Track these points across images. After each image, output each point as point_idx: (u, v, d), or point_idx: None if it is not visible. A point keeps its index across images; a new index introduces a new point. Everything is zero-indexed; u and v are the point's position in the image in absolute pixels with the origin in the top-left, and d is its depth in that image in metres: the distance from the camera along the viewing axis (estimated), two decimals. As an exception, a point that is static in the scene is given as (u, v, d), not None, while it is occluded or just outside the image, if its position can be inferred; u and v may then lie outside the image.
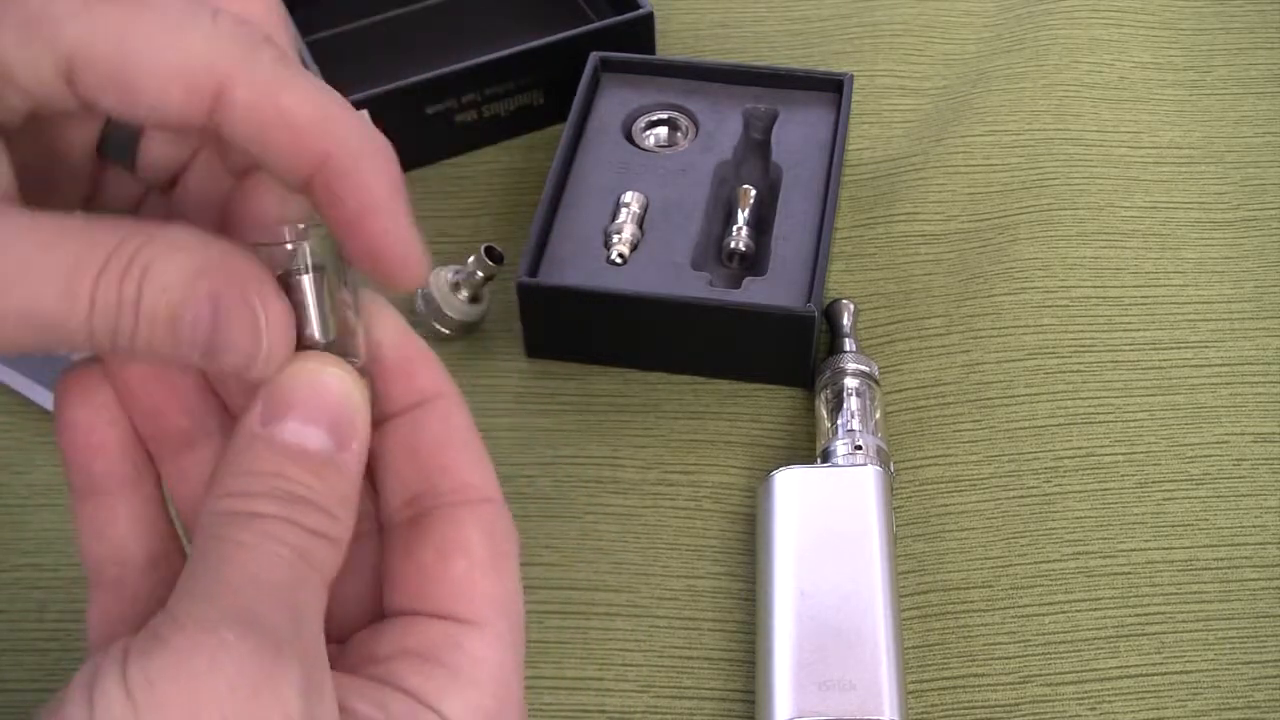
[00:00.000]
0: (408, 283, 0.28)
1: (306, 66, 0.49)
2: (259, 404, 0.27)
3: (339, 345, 0.29)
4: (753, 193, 0.62)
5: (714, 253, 0.61)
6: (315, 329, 0.28)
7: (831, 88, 0.65)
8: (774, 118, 0.65)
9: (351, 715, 0.27)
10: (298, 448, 0.27)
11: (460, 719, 0.28)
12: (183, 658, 0.24)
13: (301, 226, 0.28)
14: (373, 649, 0.29)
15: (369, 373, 0.29)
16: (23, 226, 0.26)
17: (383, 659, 0.29)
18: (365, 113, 0.28)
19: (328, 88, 0.27)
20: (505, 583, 0.29)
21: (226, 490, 0.27)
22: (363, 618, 0.30)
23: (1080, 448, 0.55)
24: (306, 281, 0.28)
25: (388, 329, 0.30)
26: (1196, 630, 0.50)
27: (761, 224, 0.61)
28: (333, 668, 0.27)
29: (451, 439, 0.30)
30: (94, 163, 0.31)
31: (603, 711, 0.49)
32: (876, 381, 0.56)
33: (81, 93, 0.26)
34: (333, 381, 0.28)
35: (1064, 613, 0.51)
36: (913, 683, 0.49)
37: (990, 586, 0.51)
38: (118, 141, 0.30)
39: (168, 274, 0.26)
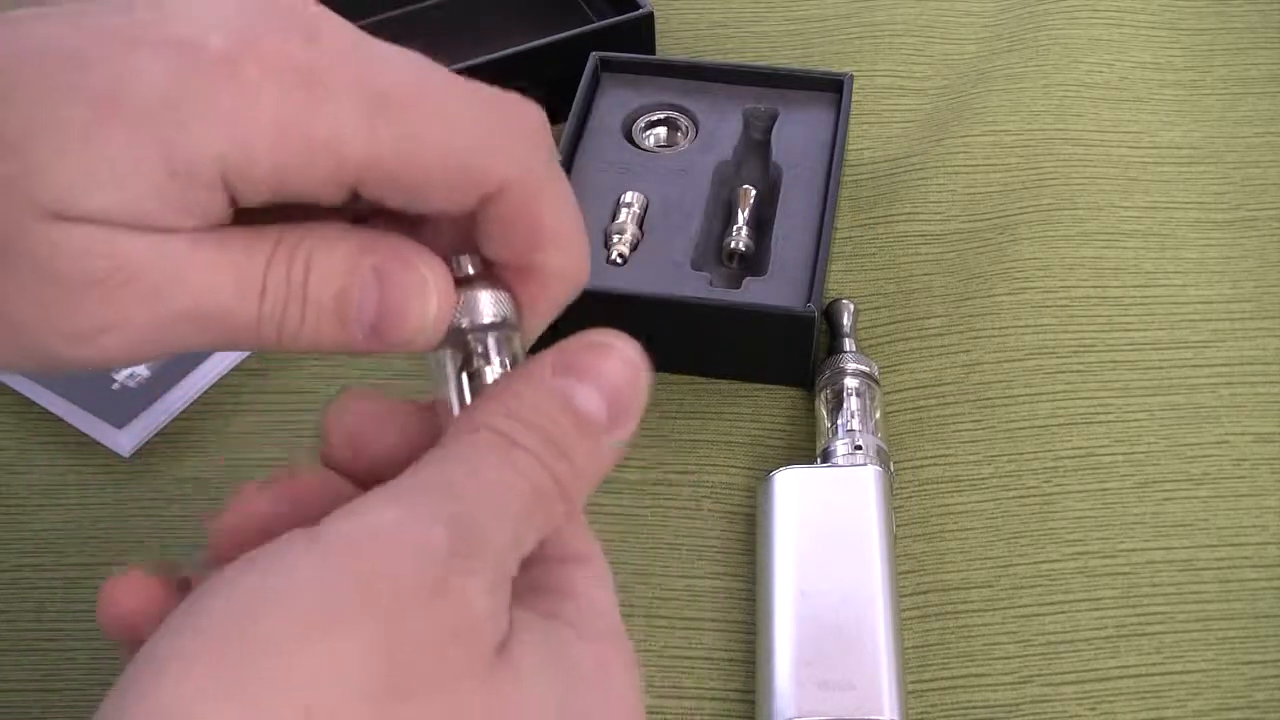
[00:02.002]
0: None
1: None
2: (553, 354, 0.28)
3: None
4: (753, 193, 0.62)
5: (714, 253, 0.61)
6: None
7: (831, 88, 0.65)
8: (774, 118, 0.64)
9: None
10: (578, 407, 0.28)
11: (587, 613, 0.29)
12: (376, 532, 0.25)
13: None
14: None
15: None
16: (192, 236, 0.27)
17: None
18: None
19: (574, 200, 0.30)
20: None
21: (498, 411, 0.27)
22: None
23: (1080, 448, 0.55)
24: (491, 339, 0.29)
25: None
26: (1196, 630, 0.50)
27: (761, 224, 0.61)
28: None
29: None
30: None
31: (603, 711, 0.49)
32: (876, 381, 0.56)
33: (366, 195, 0.28)
34: (627, 362, 0.28)
35: (1064, 613, 0.51)
36: (913, 683, 0.49)
37: (990, 586, 0.51)
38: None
39: (332, 258, 0.27)
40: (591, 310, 0.58)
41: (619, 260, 0.59)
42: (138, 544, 0.53)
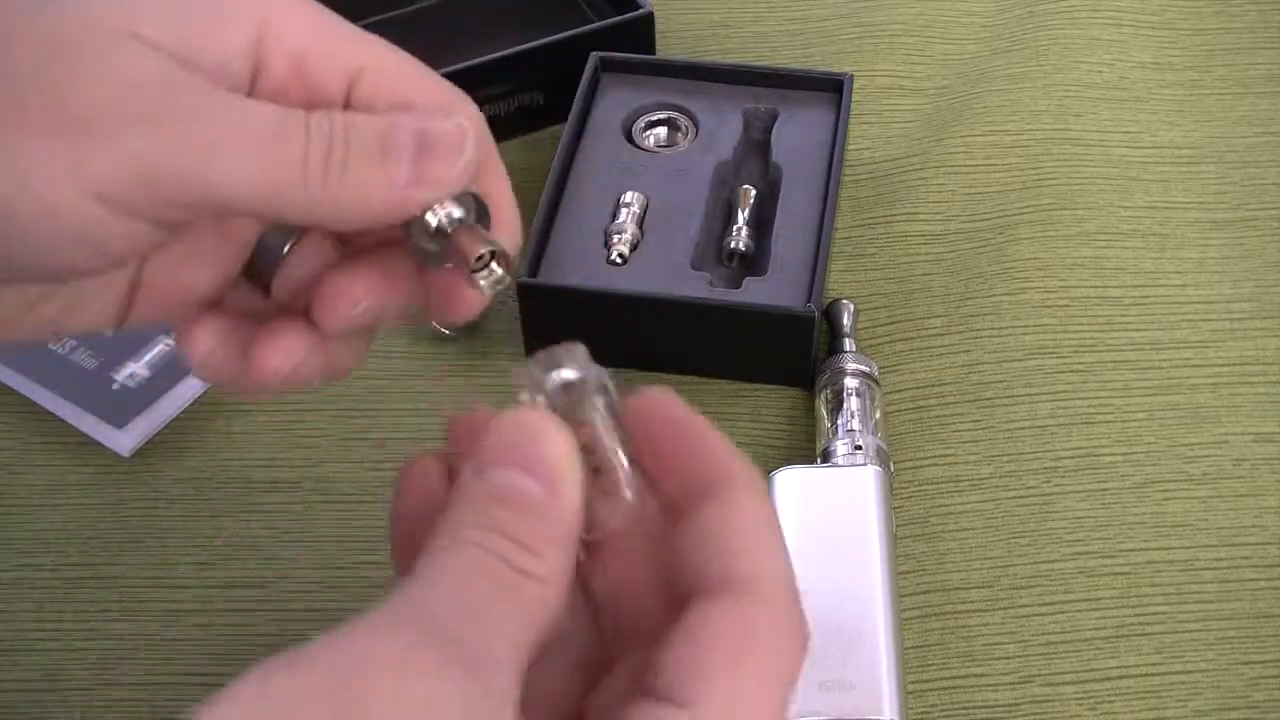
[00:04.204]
0: None
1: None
2: (474, 455, 0.28)
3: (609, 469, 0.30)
4: (753, 193, 0.62)
5: (714, 253, 0.61)
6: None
7: (831, 88, 0.65)
8: (774, 118, 0.64)
9: None
10: (505, 489, 0.28)
11: None
12: (335, 655, 0.24)
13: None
14: None
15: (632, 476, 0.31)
16: (239, 96, 0.31)
17: None
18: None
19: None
20: (734, 682, 0.28)
21: (441, 531, 0.27)
22: None
23: (1080, 448, 0.55)
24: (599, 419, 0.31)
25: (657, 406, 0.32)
26: (1196, 630, 0.50)
27: (761, 224, 0.61)
28: None
29: (730, 526, 0.30)
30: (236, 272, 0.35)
31: (603, 711, 0.49)
32: (876, 381, 0.56)
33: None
34: (542, 432, 0.29)
35: (1064, 613, 0.51)
36: (913, 683, 0.49)
37: (990, 586, 0.51)
38: (263, 261, 0.35)
39: (369, 119, 0.31)
40: (592, 310, 0.58)
41: (619, 260, 0.59)
42: (138, 544, 0.53)
